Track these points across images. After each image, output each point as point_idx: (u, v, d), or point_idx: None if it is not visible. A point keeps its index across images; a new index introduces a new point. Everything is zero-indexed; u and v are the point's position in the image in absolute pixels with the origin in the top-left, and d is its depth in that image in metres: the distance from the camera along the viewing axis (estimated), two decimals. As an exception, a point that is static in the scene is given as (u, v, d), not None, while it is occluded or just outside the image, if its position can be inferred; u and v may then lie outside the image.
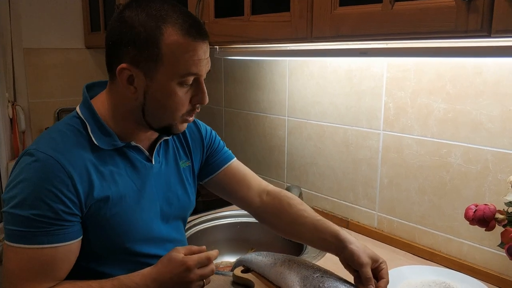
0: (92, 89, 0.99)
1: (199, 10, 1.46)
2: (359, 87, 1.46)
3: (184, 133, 1.12)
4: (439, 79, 1.24)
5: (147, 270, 0.91)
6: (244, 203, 1.19)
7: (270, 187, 1.20)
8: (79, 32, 2.35)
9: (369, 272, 0.95)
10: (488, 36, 0.82)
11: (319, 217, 1.09)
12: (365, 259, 0.97)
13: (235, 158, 1.21)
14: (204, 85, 0.94)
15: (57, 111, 2.29)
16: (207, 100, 0.95)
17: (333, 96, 1.54)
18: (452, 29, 0.85)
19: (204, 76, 0.93)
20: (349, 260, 0.99)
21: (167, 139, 1.07)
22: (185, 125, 0.99)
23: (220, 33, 1.42)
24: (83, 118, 0.94)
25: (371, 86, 1.42)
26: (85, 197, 0.88)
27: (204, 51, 0.91)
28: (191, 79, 0.90)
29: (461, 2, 0.83)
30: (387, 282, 0.98)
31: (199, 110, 0.97)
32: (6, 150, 2.09)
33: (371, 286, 0.94)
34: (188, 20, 0.89)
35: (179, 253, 0.91)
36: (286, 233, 1.16)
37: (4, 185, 2.10)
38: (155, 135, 1.03)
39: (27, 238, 0.84)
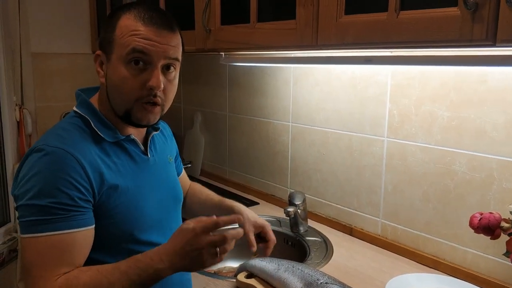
0: (85, 93, 1.03)
1: (206, 17, 1.47)
2: (364, 94, 1.46)
3: (164, 133, 1.18)
4: (443, 87, 1.25)
5: (161, 245, 0.90)
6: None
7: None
8: (86, 37, 2.37)
9: (250, 237, 1.14)
10: (493, 45, 0.82)
11: (220, 197, 1.31)
12: (248, 227, 1.15)
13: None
14: (159, 70, 0.92)
15: (63, 115, 2.30)
16: (158, 84, 0.92)
17: (337, 102, 1.55)
18: (457, 38, 0.86)
19: (159, 60, 0.92)
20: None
21: (153, 136, 1.10)
22: (148, 116, 0.96)
23: (226, 40, 1.43)
24: (84, 116, 0.97)
25: (376, 93, 1.42)
26: (96, 184, 0.91)
27: (157, 35, 0.92)
28: (137, 58, 0.91)
29: (466, 12, 0.83)
30: (274, 242, 1.19)
31: (157, 99, 0.94)
32: (12, 152, 2.11)
33: (252, 248, 1.13)
34: (149, 12, 0.93)
35: (189, 224, 0.89)
36: (198, 214, 1.30)
37: (9, 186, 2.11)
38: (144, 130, 1.07)
39: (46, 226, 0.85)
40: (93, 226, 0.92)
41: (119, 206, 0.95)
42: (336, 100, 1.55)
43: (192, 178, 2.23)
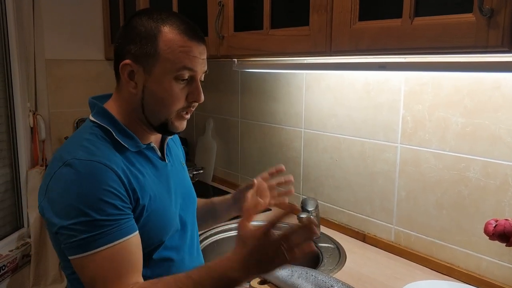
0: (98, 101, 1.03)
1: (219, 24, 1.49)
2: (376, 100, 1.46)
3: (174, 139, 1.19)
4: (457, 93, 1.24)
5: (227, 256, 0.86)
6: None
7: None
8: (100, 44, 2.40)
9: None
10: (509, 51, 0.82)
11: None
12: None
13: None
14: (199, 83, 0.98)
15: (77, 121, 2.33)
16: (202, 98, 0.99)
17: (350, 108, 1.55)
18: (472, 45, 0.86)
19: (200, 74, 0.98)
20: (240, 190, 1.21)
21: (168, 142, 1.11)
22: (183, 123, 1.02)
23: (239, 47, 1.44)
24: (104, 126, 0.97)
25: (389, 99, 1.42)
26: (132, 192, 0.91)
27: (199, 51, 0.96)
28: (186, 74, 0.95)
29: (482, 18, 0.83)
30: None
31: (194, 108, 1.01)
32: (26, 158, 2.13)
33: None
34: (185, 23, 0.96)
35: (245, 228, 0.86)
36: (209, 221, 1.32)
37: (23, 192, 2.13)
38: (160, 136, 1.08)
39: (100, 240, 0.84)
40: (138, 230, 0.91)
41: (152, 213, 0.95)
42: (349, 106, 1.55)
43: (204, 184, 2.25)
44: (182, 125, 1.02)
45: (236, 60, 1.58)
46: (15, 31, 2.00)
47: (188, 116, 1.02)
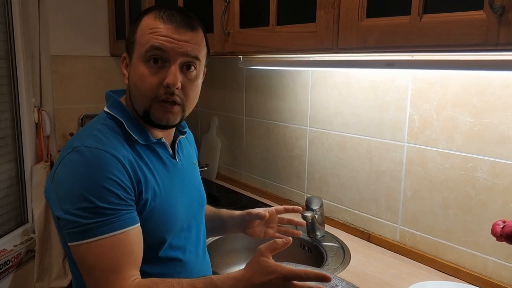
0: (114, 94, 1.03)
1: (224, 20, 1.48)
2: (383, 98, 1.45)
3: (188, 138, 1.17)
4: (465, 92, 1.23)
5: (237, 273, 0.85)
6: None
7: None
8: (105, 40, 2.40)
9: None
10: (520, 49, 0.81)
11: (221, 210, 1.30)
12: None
13: None
14: (176, 67, 0.91)
15: (81, 117, 2.33)
16: (173, 80, 0.90)
17: (356, 107, 1.53)
18: (482, 42, 0.85)
19: (177, 58, 0.91)
20: (250, 216, 1.20)
21: (180, 140, 1.10)
22: (167, 115, 0.95)
23: (245, 43, 1.43)
24: (117, 117, 0.96)
25: (396, 98, 1.41)
26: (136, 184, 0.90)
27: (175, 32, 0.91)
28: (154, 54, 0.91)
29: (492, 15, 0.82)
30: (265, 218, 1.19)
31: (174, 97, 0.92)
32: (31, 154, 2.13)
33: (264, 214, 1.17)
34: (170, 11, 0.94)
35: (267, 256, 0.84)
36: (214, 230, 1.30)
37: (27, 188, 2.13)
38: (171, 134, 1.07)
39: (102, 228, 0.83)
40: (139, 223, 0.90)
41: (154, 209, 0.94)
42: (355, 104, 1.54)
43: (208, 181, 2.25)
44: (166, 116, 0.95)
45: (241, 57, 1.57)
46: (20, 27, 2.01)
47: (171, 109, 0.94)
